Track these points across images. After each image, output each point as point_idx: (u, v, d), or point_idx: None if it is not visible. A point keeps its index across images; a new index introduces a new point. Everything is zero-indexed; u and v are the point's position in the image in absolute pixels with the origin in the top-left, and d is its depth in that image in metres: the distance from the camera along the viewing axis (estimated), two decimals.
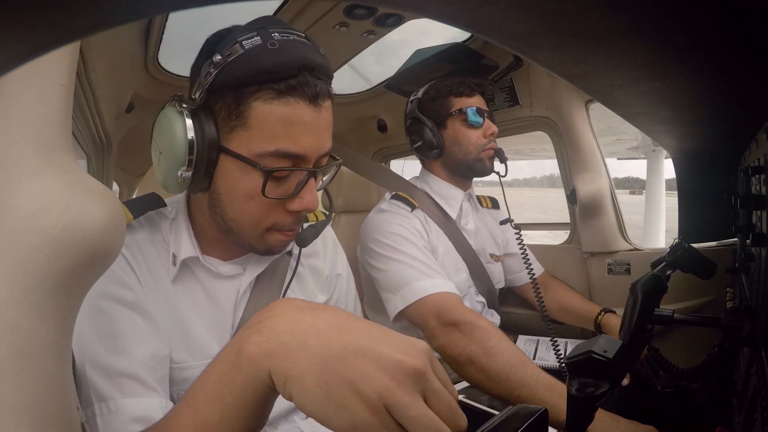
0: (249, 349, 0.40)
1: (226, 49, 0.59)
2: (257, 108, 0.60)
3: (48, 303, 0.37)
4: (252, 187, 0.63)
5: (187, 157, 0.61)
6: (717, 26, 0.31)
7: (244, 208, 0.65)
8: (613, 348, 0.49)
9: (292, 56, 0.59)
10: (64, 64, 0.41)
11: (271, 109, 0.60)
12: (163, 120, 0.63)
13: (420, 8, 0.30)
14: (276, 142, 0.61)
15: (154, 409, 0.58)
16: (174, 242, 0.70)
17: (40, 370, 0.36)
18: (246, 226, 0.67)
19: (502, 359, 0.93)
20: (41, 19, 0.16)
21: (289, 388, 0.38)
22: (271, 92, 0.60)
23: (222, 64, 0.59)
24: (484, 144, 1.27)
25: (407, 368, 0.37)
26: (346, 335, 0.39)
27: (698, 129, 0.69)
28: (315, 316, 0.41)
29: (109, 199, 0.41)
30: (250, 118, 0.61)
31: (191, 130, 0.61)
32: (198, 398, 0.43)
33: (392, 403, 0.35)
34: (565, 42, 0.34)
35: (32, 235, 0.36)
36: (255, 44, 0.59)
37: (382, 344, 0.38)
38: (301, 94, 0.61)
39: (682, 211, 1.09)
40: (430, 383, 0.37)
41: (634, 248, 1.46)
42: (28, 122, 0.38)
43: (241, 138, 0.62)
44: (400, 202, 1.25)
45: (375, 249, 1.18)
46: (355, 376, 0.36)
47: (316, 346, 0.38)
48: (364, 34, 1.26)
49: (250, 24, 0.62)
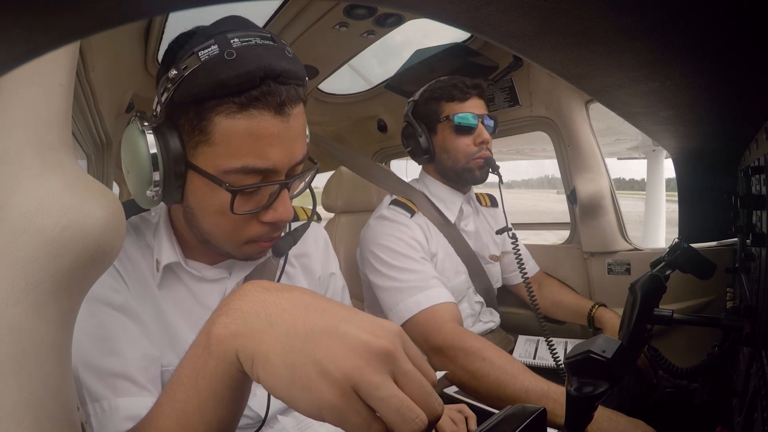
0: (217, 331, 0.39)
1: (183, 61, 0.56)
2: (220, 123, 0.57)
3: (48, 303, 0.37)
4: (221, 203, 0.61)
5: (153, 176, 0.60)
6: (717, 26, 0.31)
7: (217, 222, 0.64)
8: (612, 348, 0.49)
9: (252, 65, 0.55)
10: (64, 64, 0.41)
11: (234, 124, 0.57)
12: (127, 138, 0.61)
13: (420, 8, 0.30)
14: (242, 158, 0.59)
15: (146, 408, 0.58)
16: (157, 248, 0.70)
17: (40, 370, 0.36)
18: (222, 238, 0.66)
19: (489, 380, 0.93)
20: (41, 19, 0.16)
21: (255, 368, 0.37)
22: (233, 106, 0.57)
23: (179, 79, 0.56)
24: (474, 152, 1.21)
25: (375, 348, 0.35)
26: (312, 314, 0.38)
27: (698, 129, 0.69)
28: (281, 296, 0.40)
29: (109, 199, 0.41)
30: (214, 134, 0.58)
31: (153, 147, 0.59)
32: (175, 387, 0.43)
33: (360, 384, 0.34)
34: (565, 42, 0.34)
35: (32, 235, 0.36)
36: (212, 55, 0.55)
37: (349, 324, 0.36)
38: (265, 104, 0.57)
39: (682, 211, 1.09)
40: (400, 364, 0.36)
41: (634, 248, 1.46)
42: (28, 122, 0.38)
43: (206, 154, 0.59)
44: (399, 207, 1.24)
45: (372, 263, 1.18)
46: (320, 356, 0.35)
47: (281, 325, 0.37)
48: (364, 34, 1.26)
49: (211, 27, 0.59)
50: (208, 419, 0.42)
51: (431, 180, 1.34)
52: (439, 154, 1.26)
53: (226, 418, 0.43)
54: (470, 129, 1.21)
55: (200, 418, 0.41)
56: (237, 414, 0.44)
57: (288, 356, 0.36)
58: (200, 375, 0.41)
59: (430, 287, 1.10)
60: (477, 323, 1.35)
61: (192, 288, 0.71)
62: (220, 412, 0.42)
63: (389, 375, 0.35)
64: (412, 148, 1.29)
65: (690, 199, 1.07)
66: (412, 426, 0.34)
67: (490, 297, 1.39)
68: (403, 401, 0.34)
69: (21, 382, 0.35)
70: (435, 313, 1.06)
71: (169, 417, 0.43)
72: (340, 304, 0.40)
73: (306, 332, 0.37)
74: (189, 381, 0.42)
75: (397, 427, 0.34)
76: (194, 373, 0.41)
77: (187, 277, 0.71)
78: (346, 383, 0.34)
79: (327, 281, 0.90)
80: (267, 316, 0.38)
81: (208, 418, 0.41)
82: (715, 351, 0.79)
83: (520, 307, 1.61)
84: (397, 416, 0.34)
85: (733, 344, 0.75)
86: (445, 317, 1.06)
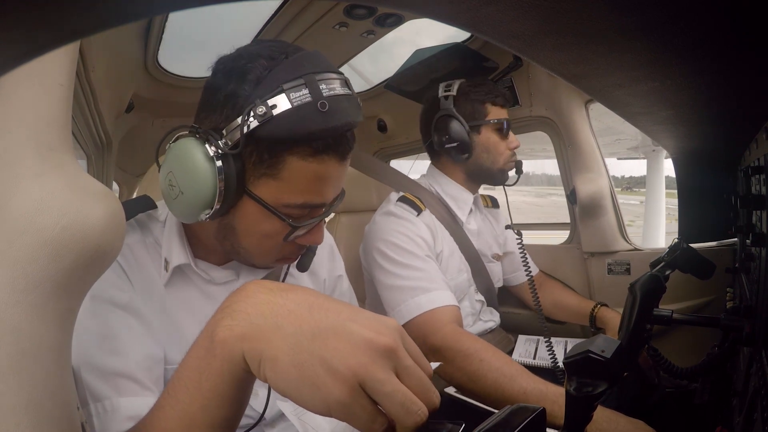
0: (221, 334, 0.40)
1: (270, 97, 0.56)
2: (292, 163, 0.60)
3: (48, 303, 0.37)
4: (272, 230, 0.64)
5: (214, 204, 0.59)
6: (717, 26, 0.31)
7: (261, 244, 0.66)
8: (611, 348, 0.49)
9: (342, 121, 0.58)
10: (64, 64, 0.41)
11: (305, 166, 0.60)
12: (188, 158, 0.59)
13: (420, 8, 0.30)
14: (305, 196, 0.62)
15: (149, 408, 0.58)
16: (166, 247, 0.69)
17: (40, 370, 0.36)
18: (257, 255, 0.68)
19: (487, 381, 0.93)
20: (41, 19, 0.16)
21: (263, 369, 0.38)
22: (309, 149, 0.59)
23: (267, 118, 0.55)
24: (510, 156, 1.30)
25: (379, 345, 0.37)
26: (317, 314, 0.39)
27: (698, 129, 0.69)
28: (286, 296, 0.41)
29: (109, 199, 0.41)
30: (283, 171, 0.60)
31: (221, 176, 0.58)
32: (177, 387, 0.43)
33: (366, 380, 0.35)
34: (565, 42, 0.34)
35: (32, 235, 0.36)
36: (304, 101, 0.56)
37: (353, 323, 0.38)
38: (335, 152, 0.61)
39: (682, 211, 1.09)
40: (402, 360, 0.37)
41: (634, 248, 1.46)
42: (28, 122, 0.38)
43: (269, 186, 0.61)
44: (406, 204, 1.24)
45: (377, 259, 1.18)
46: (328, 354, 0.36)
47: (288, 326, 0.38)
48: (364, 34, 1.25)
49: (292, 64, 0.58)
50: (212, 419, 0.42)
51: (446, 178, 1.33)
52: (480, 154, 1.28)
53: (230, 417, 0.43)
54: (508, 134, 1.29)
55: (204, 418, 0.42)
56: (239, 413, 0.45)
57: (296, 356, 0.37)
58: (204, 376, 0.41)
59: (433, 289, 1.10)
60: (477, 322, 1.35)
61: (200, 287, 0.72)
62: (224, 412, 0.42)
63: (392, 370, 0.37)
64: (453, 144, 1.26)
65: (690, 199, 1.08)
66: (415, 418, 0.36)
67: (491, 296, 1.40)
68: (407, 395, 0.36)
69: (21, 383, 0.35)
70: (435, 315, 1.06)
71: (171, 418, 0.43)
72: (342, 302, 0.41)
73: (312, 332, 0.38)
74: (192, 382, 0.42)
75: (401, 420, 0.36)
76: (197, 375, 0.42)
77: (196, 278, 0.71)
78: (353, 379, 0.35)
79: (334, 284, 0.91)
80: (274, 318, 0.39)
81: (211, 417, 0.42)
82: (715, 351, 0.79)
83: (520, 307, 1.61)
84: (401, 409, 0.35)
85: (733, 344, 0.75)
86: (445, 319, 1.06)
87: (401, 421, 0.36)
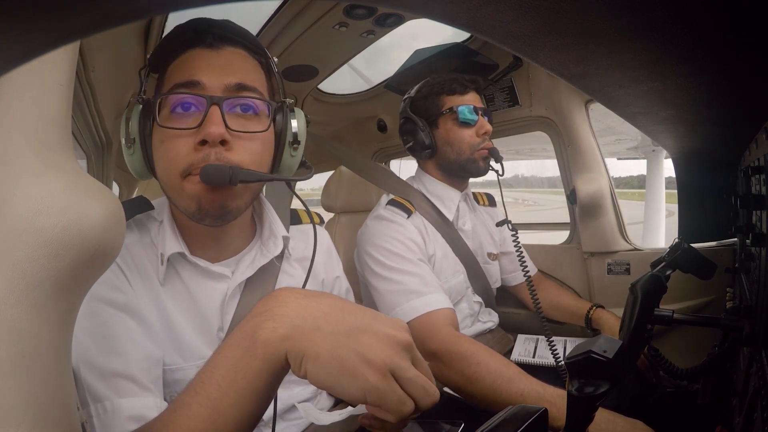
0: (264, 335, 0.45)
1: None
2: (172, 67, 0.68)
3: (48, 303, 0.37)
4: (161, 132, 0.65)
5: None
6: (717, 26, 0.31)
7: (159, 156, 0.66)
8: (613, 348, 0.48)
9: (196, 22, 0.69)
10: (63, 64, 0.41)
11: (177, 63, 0.67)
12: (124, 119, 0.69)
13: (420, 8, 0.30)
14: (174, 80, 0.66)
15: (149, 408, 0.59)
16: (161, 242, 0.70)
17: (40, 370, 0.36)
18: (165, 179, 0.65)
19: (485, 384, 0.92)
20: (40, 19, 0.16)
21: (305, 365, 0.43)
22: (178, 50, 0.68)
23: None
24: (478, 144, 1.23)
25: (401, 340, 0.45)
26: (348, 316, 0.46)
27: (698, 129, 0.69)
28: (319, 301, 0.47)
29: (109, 199, 0.41)
30: (165, 76, 0.69)
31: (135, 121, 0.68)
32: (208, 386, 0.46)
33: (395, 368, 0.43)
34: (565, 42, 0.34)
35: (32, 235, 0.36)
36: None
37: (377, 322, 0.46)
38: (201, 42, 0.68)
39: (682, 210, 1.09)
40: (415, 352, 0.46)
41: (634, 248, 1.46)
42: (28, 122, 0.38)
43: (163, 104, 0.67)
44: (396, 207, 1.23)
45: (369, 263, 1.18)
46: (363, 349, 0.43)
47: (326, 326, 0.45)
48: (364, 34, 1.25)
49: None
50: (241, 414, 0.46)
51: (428, 177, 1.33)
52: (442, 147, 1.26)
53: (257, 412, 0.47)
54: (473, 121, 1.23)
55: (234, 413, 0.46)
56: (264, 408, 0.49)
57: (336, 351, 0.43)
58: (240, 375, 0.45)
59: (428, 292, 1.10)
60: (476, 323, 1.35)
61: (191, 286, 0.71)
62: (253, 407, 0.46)
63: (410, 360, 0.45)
64: (413, 144, 1.29)
65: (690, 199, 1.07)
66: (432, 398, 0.44)
67: (489, 297, 1.39)
68: (425, 380, 0.44)
69: (21, 383, 0.35)
70: (431, 319, 1.06)
71: (200, 415, 0.46)
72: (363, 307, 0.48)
73: (347, 331, 0.44)
74: (225, 381, 0.46)
75: (422, 401, 0.44)
76: (233, 374, 0.46)
77: (191, 272, 0.71)
78: (384, 368, 0.42)
79: (332, 284, 0.91)
80: (313, 320, 0.45)
81: (241, 413, 0.46)
82: (715, 351, 0.79)
83: (519, 307, 1.61)
84: (422, 391, 0.44)
85: (733, 344, 0.75)
86: (441, 322, 1.05)
87: (422, 401, 0.43)
